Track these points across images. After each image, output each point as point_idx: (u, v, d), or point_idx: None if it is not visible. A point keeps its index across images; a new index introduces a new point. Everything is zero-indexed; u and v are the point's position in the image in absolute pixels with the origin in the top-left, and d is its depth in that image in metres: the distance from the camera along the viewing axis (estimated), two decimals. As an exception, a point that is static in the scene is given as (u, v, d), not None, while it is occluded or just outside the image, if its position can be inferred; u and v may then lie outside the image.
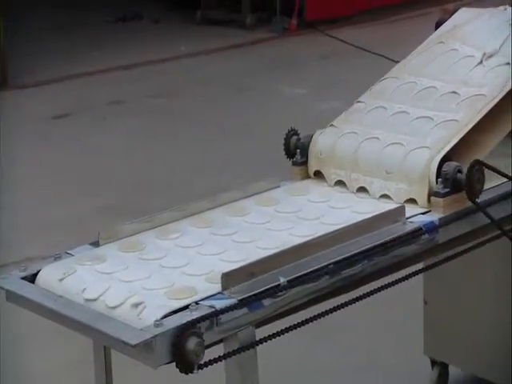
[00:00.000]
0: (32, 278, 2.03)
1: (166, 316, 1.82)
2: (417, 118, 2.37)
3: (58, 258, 2.09)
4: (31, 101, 6.79)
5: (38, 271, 2.03)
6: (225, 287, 1.89)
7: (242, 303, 1.87)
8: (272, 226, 2.20)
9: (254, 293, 1.89)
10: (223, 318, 1.84)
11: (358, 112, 2.46)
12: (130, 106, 6.55)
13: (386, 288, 2.08)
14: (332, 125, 2.45)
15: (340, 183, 2.38)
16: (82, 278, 1.98)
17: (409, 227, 2.15)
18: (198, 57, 7.79)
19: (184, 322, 1.79)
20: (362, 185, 2.33)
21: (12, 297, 2.00)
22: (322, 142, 2.41)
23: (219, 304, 1.85)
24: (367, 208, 2.24)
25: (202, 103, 6.56)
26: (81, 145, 5.80)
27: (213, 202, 2.30)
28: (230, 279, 1.89)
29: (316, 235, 2.07)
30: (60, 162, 5.51)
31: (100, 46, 8.11)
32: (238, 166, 5.21)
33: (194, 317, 1.81)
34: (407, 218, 2.18)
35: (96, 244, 2.14)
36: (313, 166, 2.42)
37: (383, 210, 2.18)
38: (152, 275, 1.99)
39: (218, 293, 1.89)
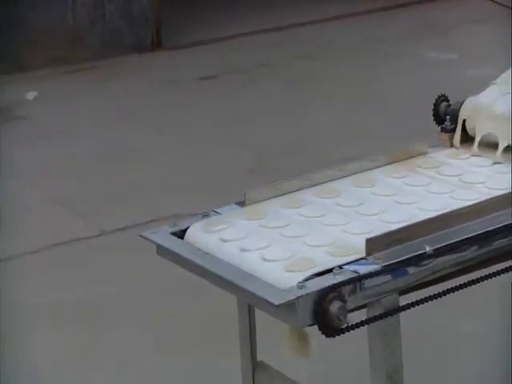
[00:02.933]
0: (181, 234, 2.09)
1: (308, 278, 1.83)
2: None
3: (205, 215, 2.14)
4: (181, 62, 6.92)
5: (187, 228, 2.09)
6: (368, 253, 1.88)
7: (386, 269, 1.86)
8: (399, 199, 2.15)
9: (398, 260, 1.88)
10: (367, 283, 1.84)
11: None
12: (276, 69, 6.57)
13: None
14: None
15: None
16: (239, 231, 2.02)
17: None
18: (346, 20, 7.71)
19: (327, 285, 1.80)
20: None
21: (162, 251, 2.07)
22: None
23: (363, 269, 1.85)
24: (501, 184, 2.14)
25: (348, 67, 6.50)
26: (225, 106, 5.87)
27: (340, 171, 2.26)
28: (373, 245, 1.88)
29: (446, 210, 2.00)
30: (204, 123, 5.61)
31: (249, 9, 8.15)
32: (384, 131, 5.16)
33: (337, 281, 1.82)
34: None
35: (242, 204, 2.18)
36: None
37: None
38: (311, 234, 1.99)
39: (362, 258, 1.89)
